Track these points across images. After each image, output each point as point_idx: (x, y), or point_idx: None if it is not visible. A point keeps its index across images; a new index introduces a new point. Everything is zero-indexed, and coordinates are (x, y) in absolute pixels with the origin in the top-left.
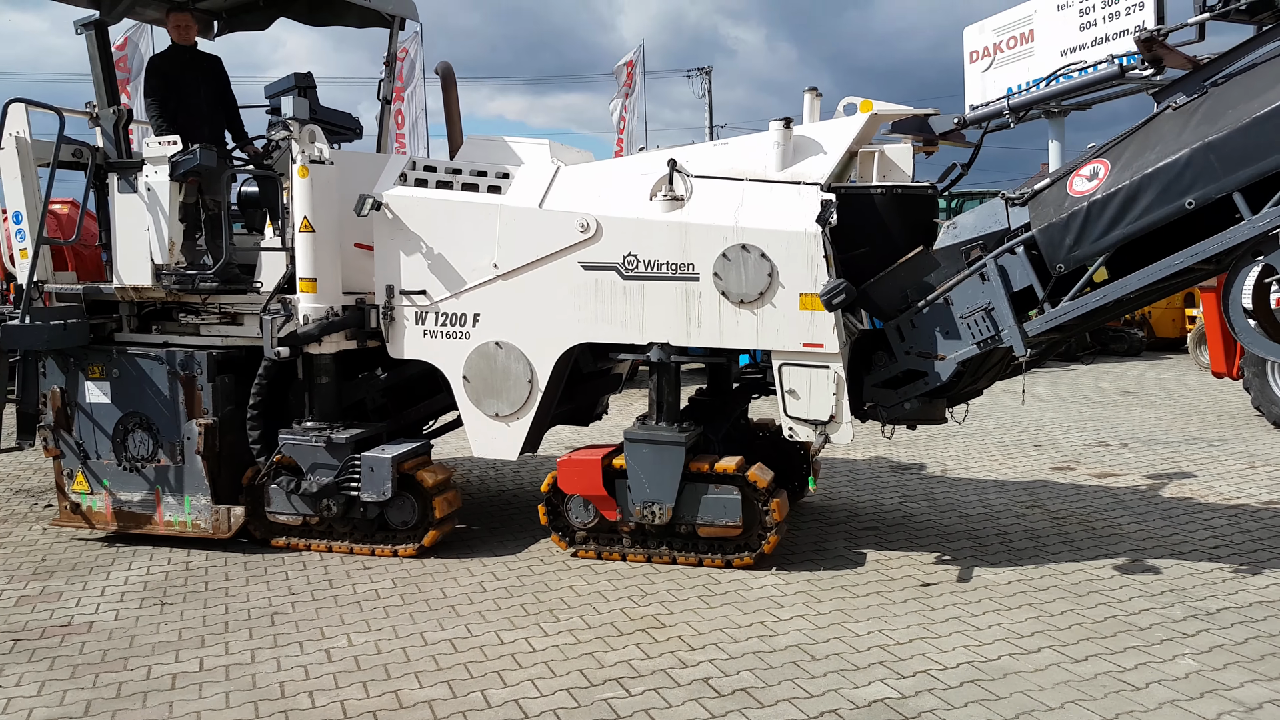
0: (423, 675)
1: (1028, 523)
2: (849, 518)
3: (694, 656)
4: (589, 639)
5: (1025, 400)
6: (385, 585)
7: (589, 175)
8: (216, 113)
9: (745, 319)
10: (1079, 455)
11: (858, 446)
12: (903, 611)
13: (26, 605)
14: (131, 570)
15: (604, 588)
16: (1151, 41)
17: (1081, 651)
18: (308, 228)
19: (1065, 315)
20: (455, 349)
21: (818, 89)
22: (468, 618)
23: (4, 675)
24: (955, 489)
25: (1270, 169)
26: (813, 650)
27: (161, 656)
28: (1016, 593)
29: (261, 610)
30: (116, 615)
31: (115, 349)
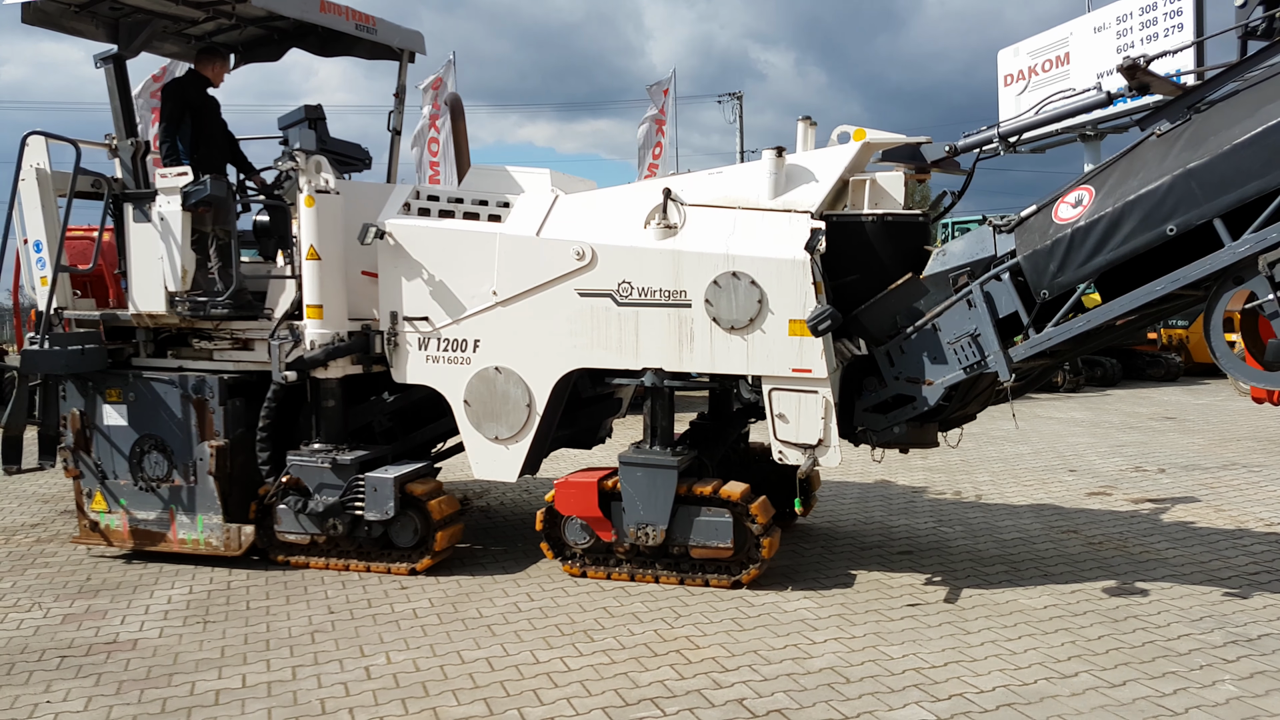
0: (460, 693)
1: (1064, 548)
2: (883, 541)
3: (728, 678)
4: (623, 659)
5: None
6: (423, 605)
7: (586, 204)
8: (226, 146)
9: (736, 345)
10: (1116, 480)
11: (891, 471)
12: (938, 635)
13: (73, 623)
14: (175, 589)
15: (638, 609)
16: (1135, 68)
17: (1119, 677)
18: (314, 256)
19: (1050, 341)
20: (457, 374)
21: (811, 118)
22: (504, 637)
23: (51, 691)
24: (990, 514)
25: (1249, 195)
26: (847, 673)
27: (205, 673)
28: (1053, 617)
29: (302, 628)
30: (160, 633)
31: (132, 373)
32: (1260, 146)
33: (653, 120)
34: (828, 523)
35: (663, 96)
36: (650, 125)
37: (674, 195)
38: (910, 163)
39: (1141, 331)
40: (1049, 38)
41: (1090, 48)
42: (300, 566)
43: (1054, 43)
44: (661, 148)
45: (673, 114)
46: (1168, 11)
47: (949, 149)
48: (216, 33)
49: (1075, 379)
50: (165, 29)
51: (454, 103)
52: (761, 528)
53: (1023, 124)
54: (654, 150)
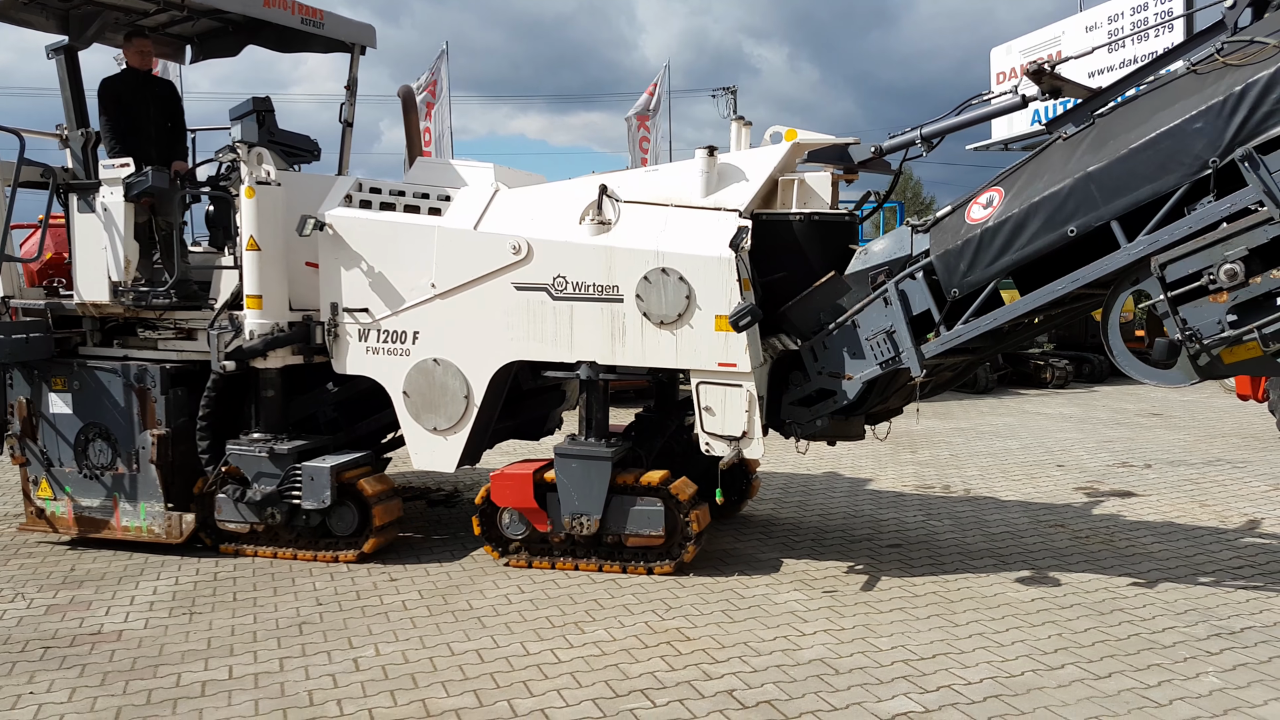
0: (450, 685)
1: (1051, 541)
2: (872, 535)
3: (718, 669)
4: (614, 651)
5: (919, 419)
6: (412, 597)
7: (526, 199)
8: (165, 136)
9: (665, 339)
10: (1103, 475)
11: (881, 466)
12: (926, 627)
13: (57, 614)
14: (160, 580)
15: (628, 601)
16: (1041, 73)
17: (1105, 668)
18: (254, 246)
19: (959, 338)
20: (396, 365)
21: (746, 118)
22: (494, 629)
23: (35, 682)
24: (978, 508)
25: (1143, 199)
26: (836, 664)
27: (191, 664)
28: (1040, 609)
29: (289, 620)
30: (146, 624)
31: (77, 362)
32: (1153, 151)
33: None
34: (818, 516)
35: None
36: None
37: (610, 192)
38: (838, 163)
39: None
40: (1041, 36)
41: (1081, 47)
42: (245, 555)
43: (1046, 41)
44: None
45: (666, 107)
46: (1159, 12)
47: (875, 150)
48: (170, 25)
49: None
50: (116, 20)
51: (406, 95)
52: (686, 505)
53: (943, 126)
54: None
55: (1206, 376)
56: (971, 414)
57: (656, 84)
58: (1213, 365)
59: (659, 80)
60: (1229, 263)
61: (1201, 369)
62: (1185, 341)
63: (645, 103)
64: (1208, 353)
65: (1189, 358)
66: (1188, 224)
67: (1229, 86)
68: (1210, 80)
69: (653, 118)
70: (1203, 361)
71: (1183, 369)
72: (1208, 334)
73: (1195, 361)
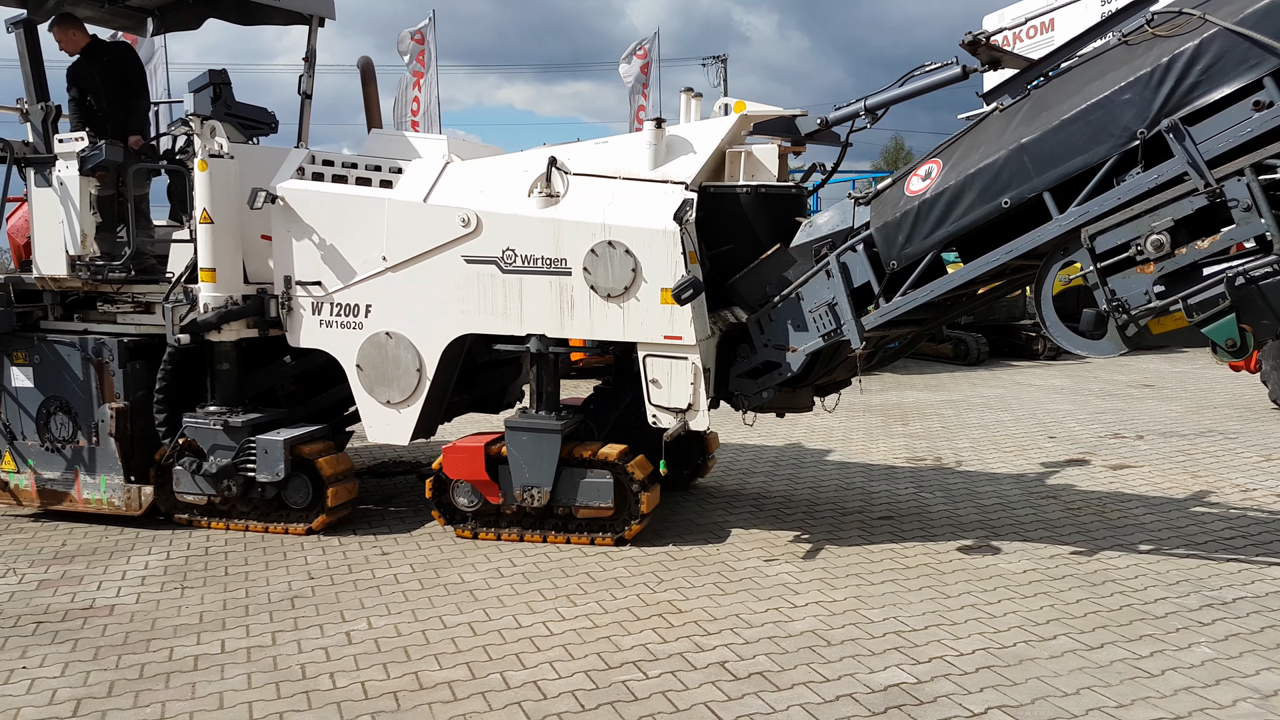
0: (442, 657)
1: (1043, 513)
2: (864, 507)
3: (710, 641)
4: (606, 623)
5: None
6: (404, 570)
7: (476, 171)
8: (120, 107)
9: (613, 312)
10: (1094, 447)
11: (872, 438)
12: (918, 599)
13: (48, 589)
14: (151, 555)
15: (620, 574)
16: (976, 44)
17: (1097, 639)
18: (206, 219)
19: (897, 310)
20: (349, 338)
21: (694, 89)
22: (485, 602)
23: (27, 656)
24: (970, 480)
25: (1074, 170)
26: (828, 636)
27: (183, 639)
28: (1032, 581)
29: (281, 594)
30: (138, 599)
31: (37, 336)
32: (1084, 122)
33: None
34: (809, 489)
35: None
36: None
37: (559, 164)
38: (785, 135)
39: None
40: (1033, 4)
41: (1074, 16)
42: (199, 527)
43: (1038, 9)
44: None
45: (655, 76)
46: None
47: (821, 122)
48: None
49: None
50: None
51: (365, 66)
52: (639, 484)
53: (886, 98)
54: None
55: (1134, 346)
56: (963, 385)
57: (646, 49)
58: (1141, 335)
59: (649, 46)
60: (1155, 234)
61: (1130, 339)
62: (1112, 312)
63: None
64: (1135, 323)
65: (1117, 328)
66: (1116, 195)
67: (1156, 58)
68: (1139, 51)
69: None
70: (1130, 332)
71: (1112, 339)
72: (1135, 304)
73: (1123, 332)
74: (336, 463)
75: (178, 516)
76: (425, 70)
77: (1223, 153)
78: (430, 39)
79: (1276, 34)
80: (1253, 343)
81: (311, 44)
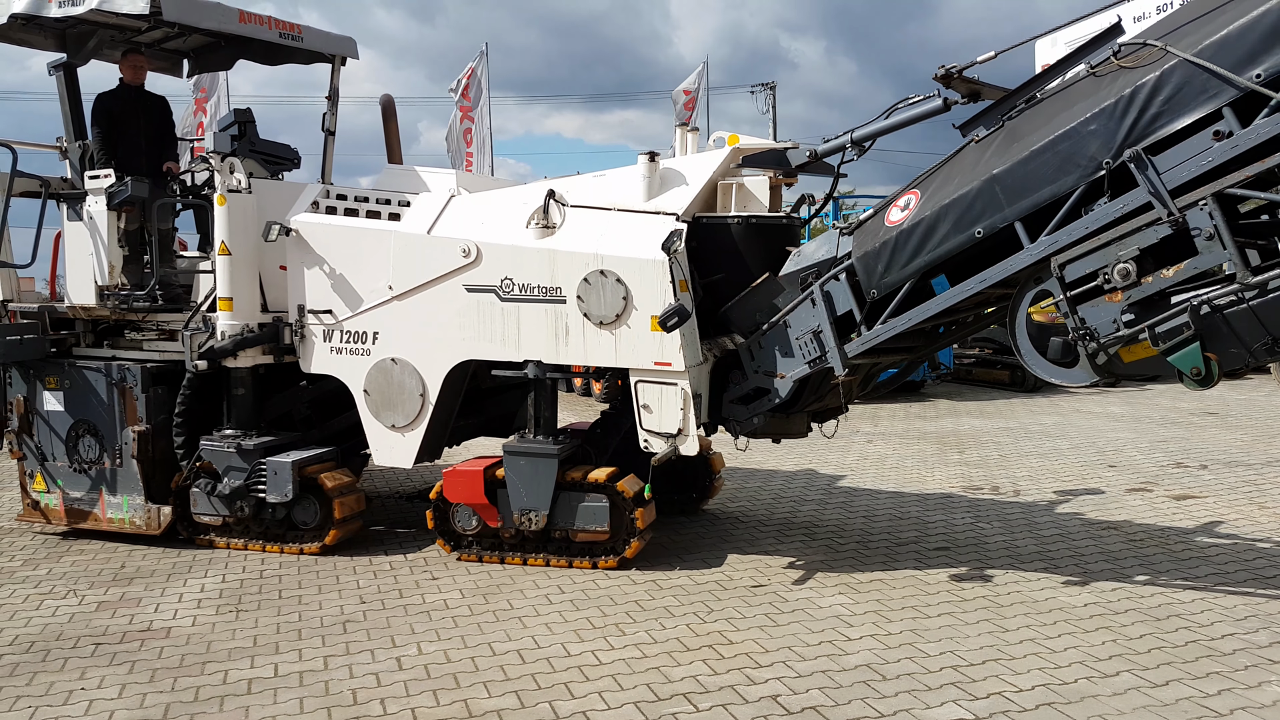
0: (491, 685)
1: (1104, 544)
2: (919, 537)
3: (762, 674)
4: (655, 654)
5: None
6: (453, 596)
7: (478, 204)
8: (155, 147)
9: (605, 339)
10: (1157, 477)
11: (927, 466)
12: (975, 633)
13: (107, 610)
14: (207, 577)
15: (669, 603)
16: (949, 77)
17: (1162, 676)
18: (225, 251)
19: (877, 338)
20: (357, 364)
21: (691, 124)
22: (534, 629)
23: (86, 678)
24: (1028, 510)
25: (1044, 200)
26: (883, 670)
27: (237, 662)
28: (1093, 615)
29: (334, 618)
30: (193, 621)
31: (67, 362)
32: (1052, 153)
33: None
34: (863, 518)
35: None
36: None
37: (557, 196)
38: (777, 168)
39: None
40: (1089, 26)
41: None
42: (219, 547)
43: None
44: None
45: (704, 103)
46: None
47: (811, 154)
48: (165, 40)
49: None
50: (112, 38)
51: (386, 103)
52: (630, 502)
53: (872, 130)
54: None
55: (1105, 375)
56: (1020, 412)
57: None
58: (1111, 364)
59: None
60: (1122, 262)
61: (1100, 368)
62: (1080, 340)
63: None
64: (1105, 351)
65: (1087, 357)
66: (1084, 224)
67: (1120, 89)
68: (1105, 82)
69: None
70: (1100, 360)
71: (1083, 368)
72: (1104, 333)
73: (1093, 360)
74: (339, 477)
75: (198, 538)
76: (474, 105)
77: (1187, 181)
78: (484, 72)
79: (1233, 65)
80: (1218, 372)
81: (334, 83)
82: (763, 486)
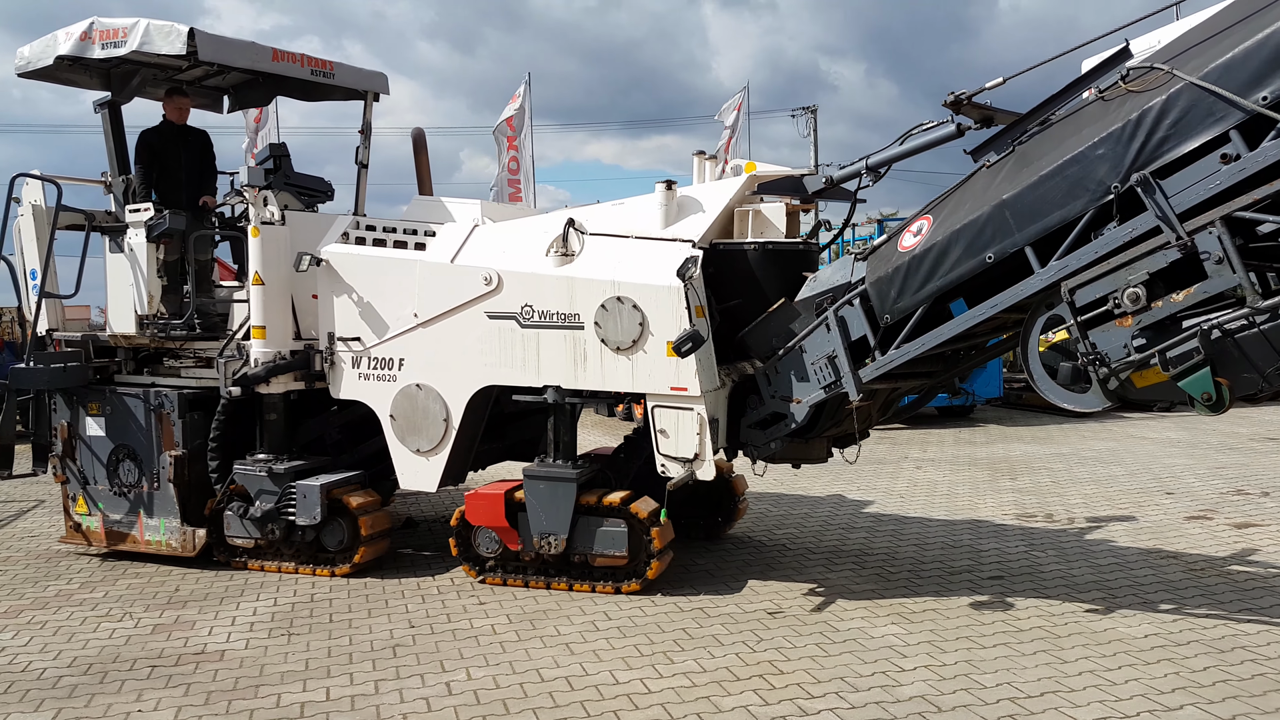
0: (541, 712)
1: (1163, 574)
2: (973, 566)
3: (814, 705)
4: (705, 682)
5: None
6: (500, 621)
7: (502, 233)
8: (195, 181)
9: (622, 364)
10: (1216, 504)
11: (980, 493)
12: (1033, 664)
13: (162, 633)
14: (260, 601)
15: (717, 631)
16: (958, 103)
17: (1228, 710)
18: (258, 281)
19: (891, 363)
20: (384, 390)
21: (706, 152)
22: (582, 656)
23: (142, 700)
24: (1084, 537)
25: (1053, 225)
26: (938, 701)
27: (290, 685)
28: (1154, 647)
29: (384, 642)
30: (247, 644)
31: (108, 389)
32: (1061, 178)
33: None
34: (914, 546)
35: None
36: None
37: (577, 225)
38: (793, 194)
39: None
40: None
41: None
42: (252, 569)
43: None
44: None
45: (745, 128)
46: None
47: (827, 180)
48: (205, 78)
49: None
50: (154, 76)
51: (417, 136)
52: (644, 524)
53: (886, 156)
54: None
55: (1117, 400)
56: (1072, 438)
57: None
58: (1123, 389)
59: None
60: (1131, 286)
61: (1110, 393)
62: (1089, 365)
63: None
64: (1116, 376)
65: (1099, 382)
66: (1093, 249)
67: (1128, 113)
68: (1114, 106)
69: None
70: (1112, 385)
71: (1095, 393)
72: (1115, 357)
73: (1105, 385)
74: (364, 496)
75: (234, 561)
76: (517, 133)
77: (1195, 205)
78: (526, 101)
79: (1239, 87)
80: (1229, 397)
81: (367, 117)
82: (810, 513)
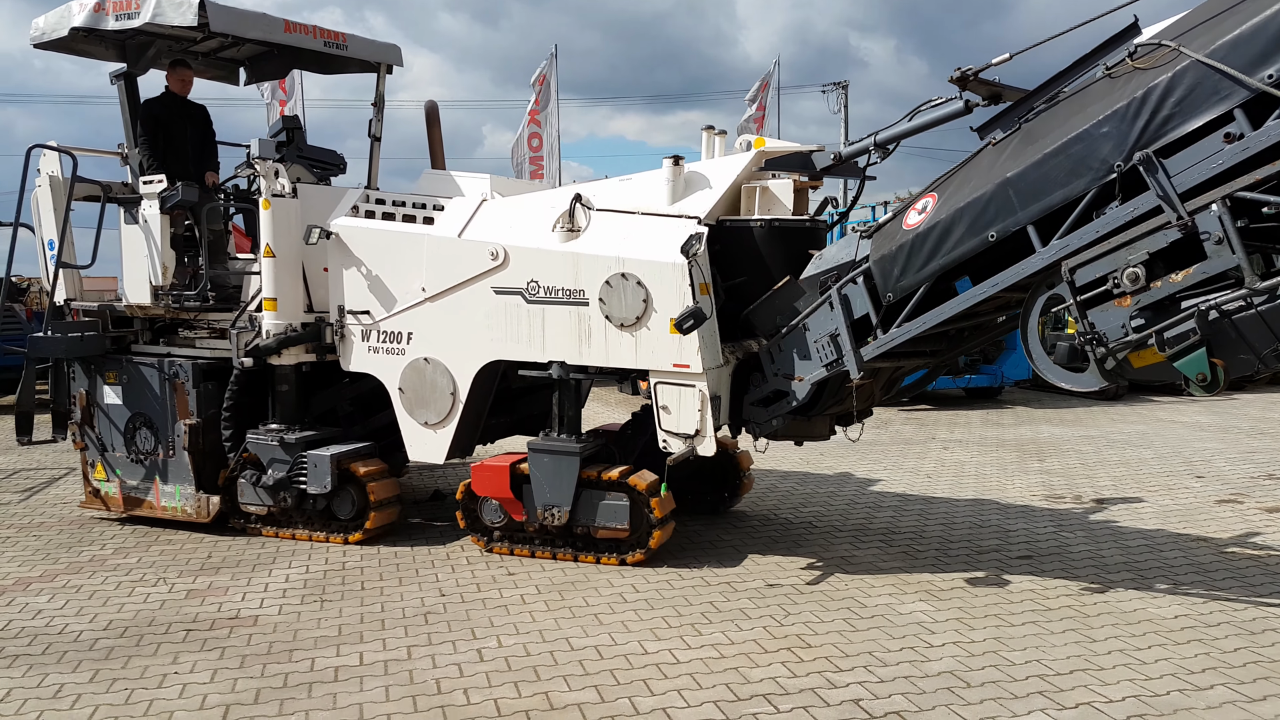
0: (571, 679)
1: (1193, 556)
2: (1000, 545)
3: (842, 678)
4: (733, 654)
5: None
6: (529, 591)
7: (509, 207)
8: (198, 153)
9: (626, 341)
10: (1247, 488)
11: (1008, 474)
12: (1062, 642)
13: (196, 598)
14: (292, 568)
15: (744, 605)
16: (964, 79)
17: (1259, 690)
18: (269, 253)
19: (893, 341)
20: (393, 363)
21: (715, 127)
22: (610, 626)
23: (179, 662)
24: (1113, 519)
25: (1055, 203)
26: (967, 677)
27: (323, 650)
28: (1184, 628)
29: (415, 609)
30: (280, 610)
31: (125, 358)
32: (1064, 156)
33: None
34: (941, 525)
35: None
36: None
37: (584, 200)
38: (802, 171)
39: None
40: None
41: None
42: (266, 535)
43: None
44: None
45: (774, 104)
46: None
47: (835, 157)
48: (220, 50)
49: None
50: (170, 48)
51: (430, 110)
52: (643, 495)
53: (895, 132)
54: None
55: (1113, 380)
56: (1101, 421)
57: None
58: (1120, 369)
59: (769, 80)
60: (1131, 266)
61: (1108, 372)
62: (1087, 344)
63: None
64: (1113, 356)
65: (1096, 361)
66: (1095, 228)
67: (1133, 90)
68: (1120, 84)
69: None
70: (1109, 365)
71: (1092, 373)
72: (1113, 337)
73: (1102, 365)
74: (371, 465)
75: (249, 527)
76: (542, 109)
77: (1197, 184)
78: (552, 76)
79: (1245, 65)
80: (1224, 378)
81: (380, 90)
82: (836, 492)
